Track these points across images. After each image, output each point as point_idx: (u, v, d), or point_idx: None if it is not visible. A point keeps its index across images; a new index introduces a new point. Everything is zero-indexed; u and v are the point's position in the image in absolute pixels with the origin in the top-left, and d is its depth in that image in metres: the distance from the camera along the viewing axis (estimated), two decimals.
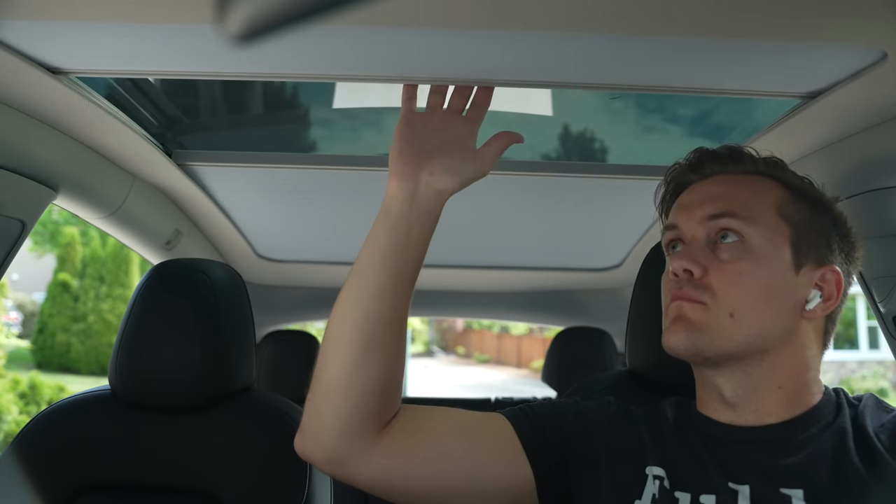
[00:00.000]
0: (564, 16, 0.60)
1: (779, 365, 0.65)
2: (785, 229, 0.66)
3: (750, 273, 0.64)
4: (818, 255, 0.66)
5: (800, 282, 0.65)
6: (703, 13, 0.60)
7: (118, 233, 1.26)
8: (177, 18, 0.62)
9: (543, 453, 0.68)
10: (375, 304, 0.66)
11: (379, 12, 0.59)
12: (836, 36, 0.62)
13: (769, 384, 0.65)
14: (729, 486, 0.61)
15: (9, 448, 0.94)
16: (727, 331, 0.63)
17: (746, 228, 0.65)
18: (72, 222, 11.75)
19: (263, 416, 0.98)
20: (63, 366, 10.86)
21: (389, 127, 0.84)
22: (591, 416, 0.73)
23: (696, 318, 0.64)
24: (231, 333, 0.98)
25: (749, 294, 0.64)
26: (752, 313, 0.63)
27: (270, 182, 1.25)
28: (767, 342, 0.64)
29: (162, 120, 1.10)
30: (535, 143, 1.32)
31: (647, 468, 0.67)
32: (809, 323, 0.66)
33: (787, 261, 0.65)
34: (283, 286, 2.01)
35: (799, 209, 0.68)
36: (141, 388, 0.95)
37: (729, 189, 0.69)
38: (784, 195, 0.68)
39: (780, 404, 0.65)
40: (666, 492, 0.64)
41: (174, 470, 0.93)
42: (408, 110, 0.71)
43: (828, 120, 0.84)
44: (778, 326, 0.64)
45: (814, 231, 0.67)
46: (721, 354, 0.64)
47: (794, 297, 0.65)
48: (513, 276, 1.83)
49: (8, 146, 0.86)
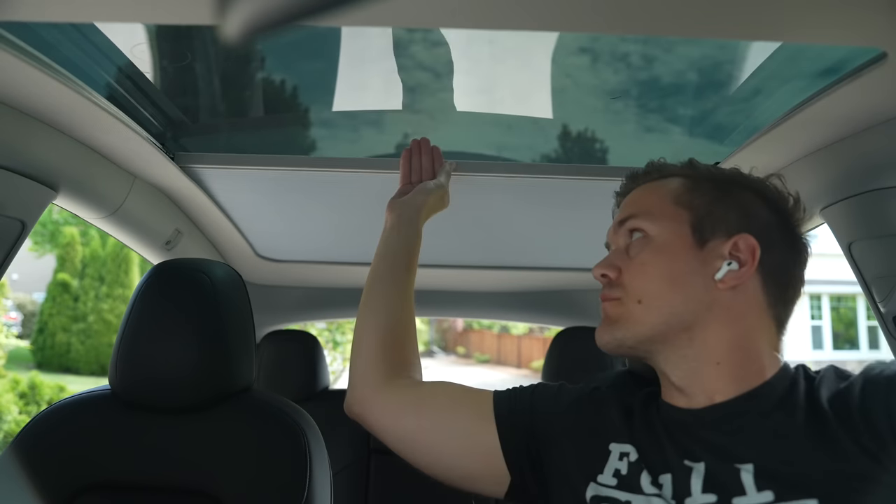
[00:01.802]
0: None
1: (710, 340, 0.67)
2: (684, 214, 0.71)
3: (651, 261, 0.70)
4: (727, 228, 0.69)
5: (706, 256, 0.68)
6: (702, 13, 0.60)
7: (118, 233, 1.26)
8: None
9: (511, 431, 0.77)
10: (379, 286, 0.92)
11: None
12: (836, 36, 0.62)
13: (707, 362, 0.67)
14: (685, 464, 0.64)
15: (9, 448, 0.94)
16: (639, 317, 0.69)
17: (646, 223, 0.72)
18: (72, 222, 11.76)
19: (264, 416, 0.98)
20: (63, 366, 10.87)
21: (389, 127, 0.96)
22: (565, 397, 0.79)
23: (613, 312, 0.71)
24: (231, 333, 0.98)
25: (653, 280, 0.69)
26: (659, 296, 0.68)
27: (271, 183, 1.25)
28: (685, 319, 0.67)
29: (162, 120, 1.11)
30: (535, 143, 1.32)
31: (610, 444, 0.71)
32: (735, 292, 0.67)
33: (689, 241, 0.69)
34: (283, 286, 2.01)
35: (700, 193, 0.72)
36: (141, 388, 0.95)
37: (634, 197, 0.77)
38: (682, 185, 0.74)
39: (726, 381, 0.66)
40: (630, 467, 0.68)
41: (174, 470, 0.93)
42: (403, 185, 1.07)
43: (828, 120, 0.84)
44: (690, 303, 0.67)
45: (720, 207, 0.70)
46: (641, 340, 0.69)
47: (702, 271, 0.68)
48: (513, 276, 1.82)
49: (8, 146, 0.86)
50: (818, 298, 15.23)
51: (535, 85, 1.12)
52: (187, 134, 1.22)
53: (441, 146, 1.11)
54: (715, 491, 0.60)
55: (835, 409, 0.60)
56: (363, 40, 1.01)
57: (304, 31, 0.94)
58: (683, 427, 0.67)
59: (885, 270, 0.92)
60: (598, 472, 0.70)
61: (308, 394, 1.89)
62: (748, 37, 0.75)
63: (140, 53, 0.95)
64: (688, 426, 0.67)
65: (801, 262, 0.72)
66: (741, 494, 0.58)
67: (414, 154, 1.08)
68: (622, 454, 0.70)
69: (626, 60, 1.04)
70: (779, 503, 0.56)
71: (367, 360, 0.86)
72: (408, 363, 0.87)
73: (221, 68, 1.10)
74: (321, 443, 1.00)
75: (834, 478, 0.56)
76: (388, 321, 0.89)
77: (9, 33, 0.69)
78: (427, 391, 0.84)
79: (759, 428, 0.62)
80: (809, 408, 0.61)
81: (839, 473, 0.56)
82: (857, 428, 0.57)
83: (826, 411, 0.60)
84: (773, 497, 0.57)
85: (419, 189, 1.02)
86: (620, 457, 0.70)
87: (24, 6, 0.59)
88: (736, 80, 1.01)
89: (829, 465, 0.57)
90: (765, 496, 0.57)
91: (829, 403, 0.60)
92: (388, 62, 1.02)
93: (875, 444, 0.56)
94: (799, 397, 0.63)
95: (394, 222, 0.97)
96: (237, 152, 1.17)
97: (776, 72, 0.93)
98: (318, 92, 1.18)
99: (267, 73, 1.16)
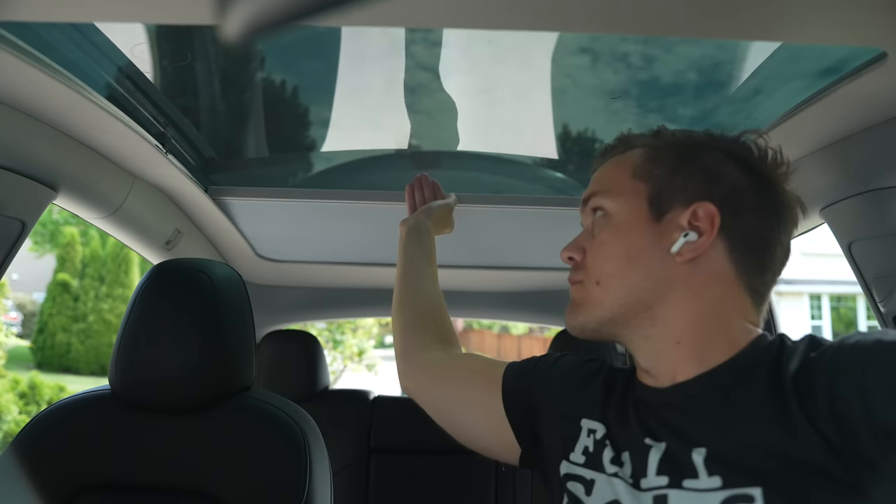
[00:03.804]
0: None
1: (672, 319, 0.64)
2: (642, 187, 0.67)
3: (609, 240, 0.67)
4: (686, 197, 0.64)
5: (663, 229, 0.64)
6: (702, 13, 0.60)
7: (118, 233, 1.26)
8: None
9: (515, 405, 0.79)
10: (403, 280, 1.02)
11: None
12: (836, 36, 0.62)
13: (667, 342, 0.64)
14: (645, 443, 0.62)
15: (9, 448, 0.94)
16: (597, 298, 0.67)
17: (606, 201, 0.69)
18: (72, 222, 11.76)
19: (263, 416, 0.98)
20: (63, 366, 10.87)
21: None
22: (560, 369, 0.80)
23: (577, 296, 0.70)
24: (231, 333, 0.98)
25: (610, 259, 0.66)
26: (616, 276, 0.66)
27: (282, 204, 1.37)
28: (644, 298, 0.64)
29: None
30: (535, 143, 1.33)
31: (582, 420, 0.71)
32: (695, 265, 0.63)
33: (646, 216, 0.66)
34: (283, 286, 2.02)
35: (660, 163, 0.67)
36: (141, 387, 0.95)
37: (599, 174, 0.73)
38: (642, 156, 0.69)
39: (687, 360, 0.63)
40: (596, 445, 0.68)
41: (174, 470, 0.93)
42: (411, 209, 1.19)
43: (828, 119, 0.84)
44: (648, 280, 0.64)
45: (680, 175, 0.65)
46: (602, 322, 0.67)
47: (658, 246, 0.64)
48: (513, 276, 1.83)
49: (8, 146, 0.86)
50: (818, 298, 15.23)
51: (534, 85, 1.12)
52: (220, 170, 1.36)
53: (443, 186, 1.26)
54: (668, 473, 0.58)
55: (799, 387, 0.54)
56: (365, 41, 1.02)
57: (304, 31, 0.94)
58: (649, 407, 0.65)
59: (885, 270, 0.92)
60: (570, 450, 0.70)
61: (308, 394, 1.89)
62: (748, 37, 0.75)
63: (140, 53, 0.95)
64: (653, 406, 0.65)
65: (782, 225, 0.65)
66: (693, 477, 0.56)
67: (416, 188, 1.20)
68: (590, 431, 0.69)
69: (626, 60, 1.04)
70: (726, 489, 0.53)
71: (401, 340, 0.95)
72: (441, 338, 0.93)
73: (255, 108, 1.23)
74: (321, 443, 1.00)
75: (785, 467, 0.52)
76: (417, 307, 0.97)
77: (9, 33, 0.69)
78: (453, 363, 0.88)
79: (717, 409, 0.59)
80: (773, 385, 0.56)
81: (792, 462, 0.51)
82: (821, 412, 0.51)
83: (788, 390, 0.55)
84: (720, 483, 0.54)
85: (424, 207, 1.15)
86: (588, 433, 0.69)
87: (24, 6, 0.59)
88: (736, 80, 1.01)
89: (783, 453, 0.52)
90: (714, 481, 0.54)
91: (794, 380, 0.55)
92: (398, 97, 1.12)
93: (839, 435, 0.50)
94: (763, 374, 0.58)
95: (408, 231, 1.09)
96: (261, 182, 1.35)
97: (776, 72, 0.93)
98: (318, 91, 1.18)
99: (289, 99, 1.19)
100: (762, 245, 0.64)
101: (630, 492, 0.61)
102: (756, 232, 0.64)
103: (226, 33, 0.28)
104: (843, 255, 1.01)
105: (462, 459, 1.79)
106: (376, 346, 11.32)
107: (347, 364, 7.99)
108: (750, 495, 0.52)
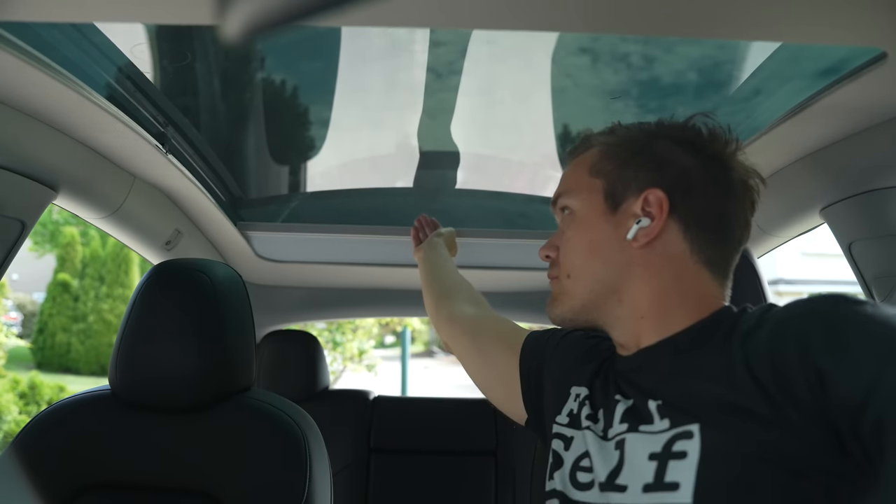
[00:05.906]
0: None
1: (636, 298, 0.70)
2: (598, 183, 0.72)
3: (574, 236, 0.73)
4: (638, 186, 0.69)
5: (619, 219, 0.70)
6: (702, 13, 0.60)
7: (118, 233, 1.26)
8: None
9: (526, 374, 0.86)
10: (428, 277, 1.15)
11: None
12: (836, 36, 0.62)
13: (633, 318, 0.70)
14: (615, 398, 0.69)
15: (9, 448, 0.94)
16: (570, 290, 0.73)
17: (569, 200, 0.75)
18: (72, 222, 11.75)
19: (263, 416, 0.98)
20: (63, 366, 10.86)
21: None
22: (563, 343, 0.85)
23: (554, 290, 0.76)
24: (231, 333, 0.98)
25: (577, 253, 0.72)
26: (583, 268, 0.72)
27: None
28: (610, 284, 0.70)
29: (162, 121, 1.11)
30: (536, 143, 1.33)
31: (571, 387, 0.77)
32: (650, 247, 0.68)
33: (602, 209, 0.71)
34: (283, 286, 2.02)
35: (612, 159, 0.72)
36: (141, 388, 0.95)
37: (563, 175, 0.79)
38: (597, 154, 0.74)
39: (650, 330, 0.69)
40: (578, 406, 0.74)
41: (174, 470, 0.93)
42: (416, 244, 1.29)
43: (828, 120, 0.84)
44: (610, 267, 0.70)
45: (631, 167, 0.70)
46: (577, 311, 0.73)
47: (615, 235, 0.70)
48: (513, 276, 1.83)
49: (8, 146, 0.86)
50: None
51: (534, 85, 1.12)
52: (247, 205, 1.48)
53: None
54: (628, 421, 0.65)
55: (745, 342, 0.60)
56: None
57: (304, 31, 0.94)
58: (621, 372, 0.72)
59: (885, 270, 0.92)
60: (558, 413, 0.76)
61: (308, 394, 1.89)
62: (748, 37, 0.75)
63: (140, 53, 0.95)
64: (624, 372, 0.71)
65: (735, 199, 0.69)
66: (648, 423, 0.63)
67: (419, 228, 1.32)
68: (576, 395, 0.76)
69: (626, 60, 1.04)
70: (672, 429, 0.60)
71: (434, 303, 1.08)
72: (472, 300, 1.05)
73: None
74: (321, 443, 1.00)
75: (720, 408, 0.58)
76: (445, 282, 1.11)
77: (9, 33, 0.69)
78: (484, 321, 0.99)
79: (674, 367, 0.65)
80: (725, 344, 0.62)
81: (726, 404, 0.58)
82: (762, 362, 0.57)
83: (736, 346, 0.60)
84: (669, 424, 0.61)
85: (433, 234, 1.27)
86: (574, 398, 0.76)
87: (24, 6, 0.59)
88: (736, 80, 1.01)
89: (720, 396, 0.59)
90: (664, 424, 0.62)
91: (744, 337, 0.60)
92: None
93: (773, 381, 0.56)
94: (720, 337, 0.63)
95: (424, 253, 1.21)
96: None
97: (776, 72, 0.93)
98: (318, 91, 1.18)
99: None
100: (718, 221, 0.68)
101: (597, 441, 0.68)
102: (710, 209, 0.68)
103: (226, 33, 0.28)
104: (843, 255, 1.01)
105: (462, 459, 1.79)
106: (376, 346, 11.31)
107: (347, 364, 7.98)
108: (690, 431, 0.59)
